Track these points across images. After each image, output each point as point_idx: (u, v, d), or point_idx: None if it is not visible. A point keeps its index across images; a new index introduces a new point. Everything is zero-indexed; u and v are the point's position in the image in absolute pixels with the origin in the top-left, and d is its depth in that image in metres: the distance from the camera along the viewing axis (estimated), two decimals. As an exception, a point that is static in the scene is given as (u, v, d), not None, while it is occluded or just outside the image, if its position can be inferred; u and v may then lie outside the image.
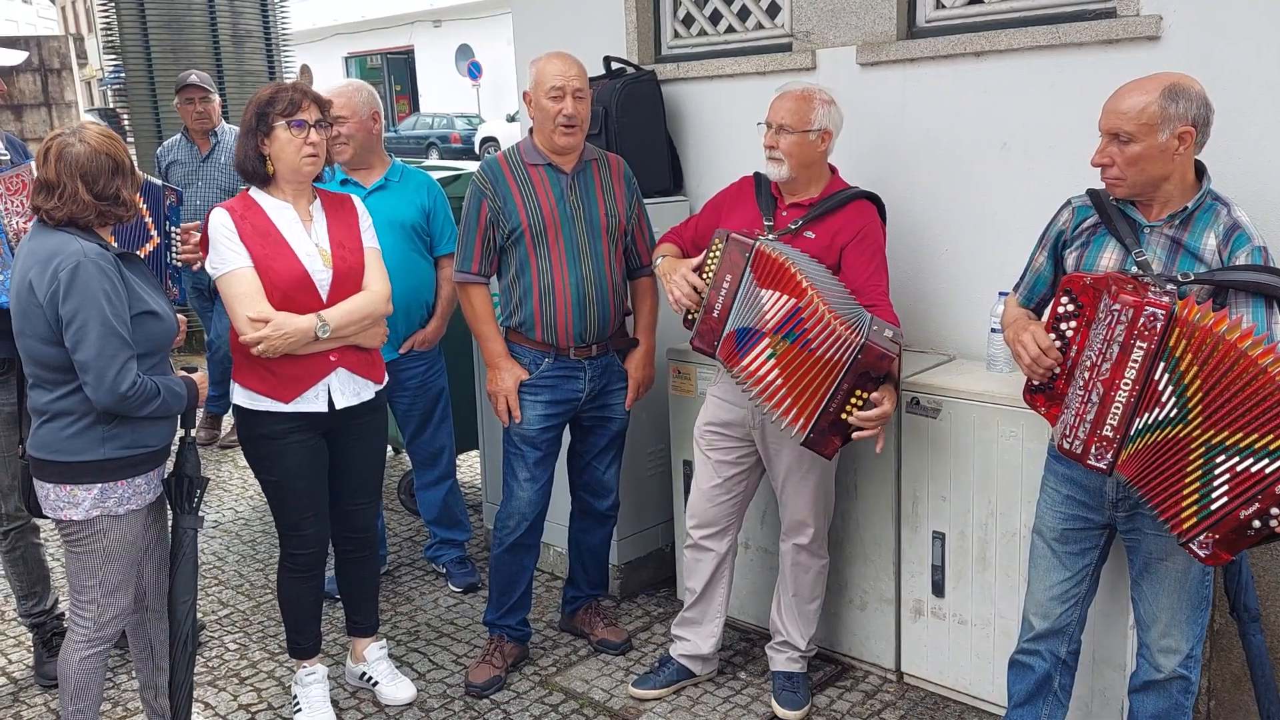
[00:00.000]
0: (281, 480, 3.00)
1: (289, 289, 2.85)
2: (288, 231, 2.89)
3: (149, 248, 3.10)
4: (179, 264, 3.20)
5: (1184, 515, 2.20)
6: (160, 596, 2.83)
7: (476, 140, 23.99)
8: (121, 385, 2.44)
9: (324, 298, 2.90)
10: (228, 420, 6.11)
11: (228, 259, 2.83)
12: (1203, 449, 2.17)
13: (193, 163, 5.33)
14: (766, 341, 2.78)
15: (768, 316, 2.77)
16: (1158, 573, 2.48)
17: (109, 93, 27.19)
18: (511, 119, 23.91)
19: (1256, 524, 2.11)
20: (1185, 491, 2.20)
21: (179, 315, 2.82)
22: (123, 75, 7.54)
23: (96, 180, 2.50)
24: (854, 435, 2.75)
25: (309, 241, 2.91)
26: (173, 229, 3.16)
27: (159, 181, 3.21)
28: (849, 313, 2.73)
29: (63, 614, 3.56)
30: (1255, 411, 2.10)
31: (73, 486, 2.54)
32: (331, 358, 2.94)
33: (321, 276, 2.90)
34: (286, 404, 2.91)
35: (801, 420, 2.75)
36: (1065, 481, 2.55)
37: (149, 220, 3.08)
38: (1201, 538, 2.18)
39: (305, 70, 8.69)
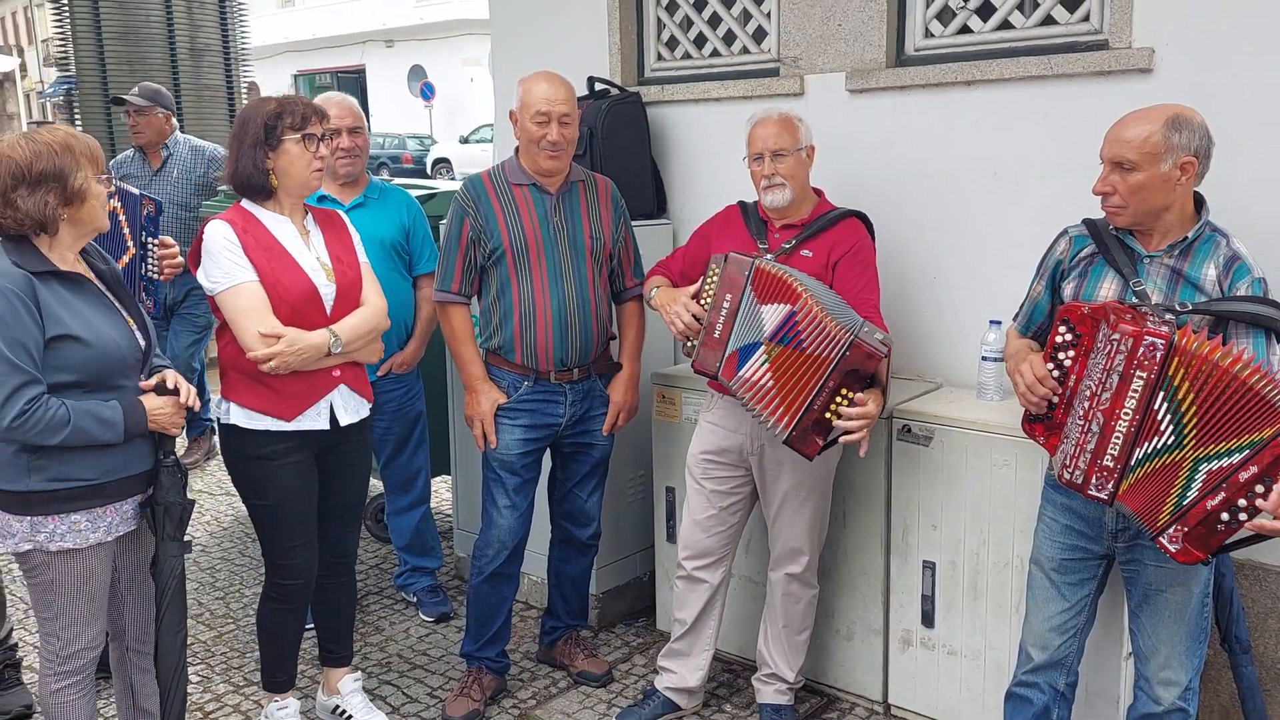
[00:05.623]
0: (278, 504, 2.88)
1: (297, 304, 2.77)
2: (290, 246, 2.82)
3: (125, 259, 2.99)
4: (155, 276, 3.08)
5: (1160, 514, 2.23)
6: (142, 636, 2.67)
7: (428, 161, 23.79)
8: (6, 415, 2.25)
9: (329, 312, 2.83)
10: (181, 442, 5.91)
11: (232, 273, 2.72)
12: (1190, 464, 2.20)
13: (144, 176, 5.19)
14: (762, 348, 2.76)
15: (766, 328, 2.74)
16: (1157, 605, 2.47)
17: (48, 105, 26.55)
18: (465, 140, 23.76)
19: (1225, 516, 2.14)
20: (1167, 498, 2.22)
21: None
22: (65, 87, 7.38)
23: None
24: (840, 438, 2.69)
25: (310, 256, 2.84)
26: (150, 240, 3.04)
27: (137, 191, 3.09)
28: (842, 315, 2.71)
29: (14, 645, 3.38)
30: (1240, 425, 2.13)
31: (7, 516, 2.39)
32: (335, 373, 2.87)
33: (327, 291, 2.83)
34: (288, 422, 2.82)
35: (786, 418, 2.71)
36: (1064, 511, 2.54)
37: (126, 231, 2.96)
38: (1171, 531, 2.20)
39: (255, 87, 8.59)
